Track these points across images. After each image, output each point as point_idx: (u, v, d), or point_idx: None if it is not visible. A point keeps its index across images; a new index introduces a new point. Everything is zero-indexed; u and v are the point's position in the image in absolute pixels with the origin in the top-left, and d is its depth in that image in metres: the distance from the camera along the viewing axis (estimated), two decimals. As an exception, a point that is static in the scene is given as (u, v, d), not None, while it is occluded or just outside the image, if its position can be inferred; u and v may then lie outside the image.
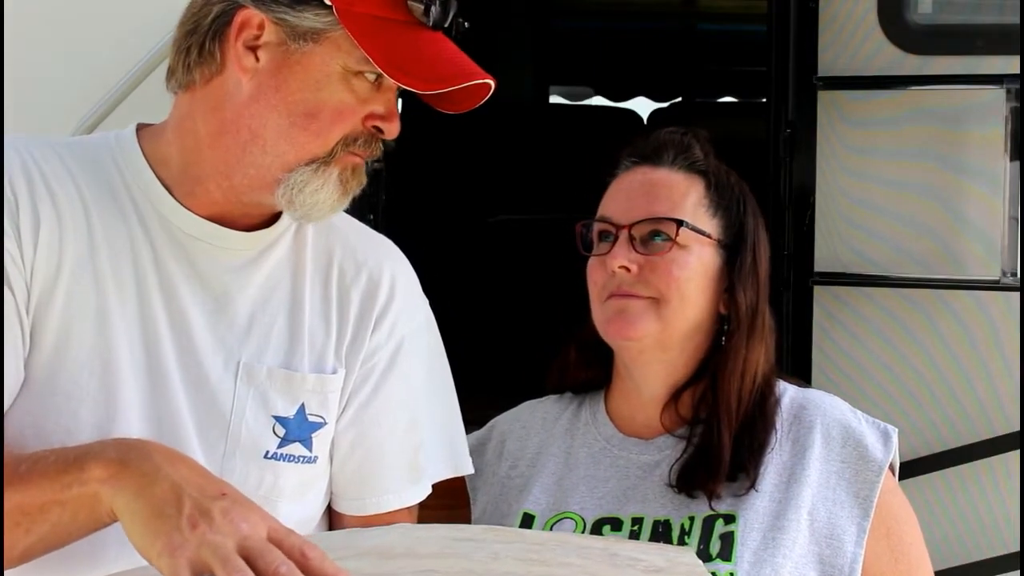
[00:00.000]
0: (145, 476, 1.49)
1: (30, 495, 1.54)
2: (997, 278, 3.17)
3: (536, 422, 2.10)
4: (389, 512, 1.85)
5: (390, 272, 1.87)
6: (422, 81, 1.67)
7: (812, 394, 2.04)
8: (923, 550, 1.98)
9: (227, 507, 1.45)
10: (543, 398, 2.14)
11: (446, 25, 1.72)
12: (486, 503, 2.05)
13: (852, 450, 1.95)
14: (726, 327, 2.00)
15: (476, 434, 2.11)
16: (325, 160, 1.71)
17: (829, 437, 1.96)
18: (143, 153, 1.78)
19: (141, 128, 1.82)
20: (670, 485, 1.94)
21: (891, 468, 1.97)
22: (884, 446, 1.96)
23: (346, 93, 1.70)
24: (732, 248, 2.01)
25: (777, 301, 3.17)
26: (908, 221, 3.28)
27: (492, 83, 1.70)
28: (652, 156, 2.03)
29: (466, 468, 1.94)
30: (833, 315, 3.30)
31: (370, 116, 1.71)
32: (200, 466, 1.55)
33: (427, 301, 1.93)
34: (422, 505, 1.90)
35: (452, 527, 1.62)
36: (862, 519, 1.92)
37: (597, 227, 2.02)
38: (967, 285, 3.24)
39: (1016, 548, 3.07)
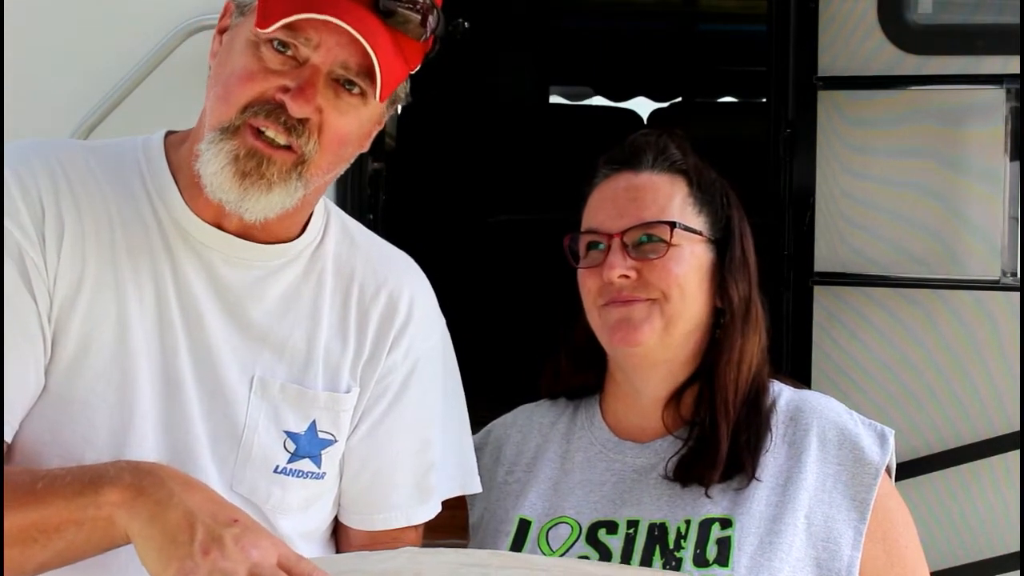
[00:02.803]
0: (159, 503, 1.51)
1: (47, 514, 1.56)
2: (997, 278, 3.17)
3: (533, 427, 2.09)
4: (396, 529, 1.86)
5: (409, 292, 1.87)
6: (263, 19, 1.64)
7: (808, 396, 2.04)
8: (919, 553, 1.97)
9: (238, 534, 1.48)
10: (539, 402, 2.14)
11: None
12: (483, 508, 2.04)
13: (848, 453, 1.95)
14: (721, 320, 2.00)
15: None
16: (229, 129, 1.68)
17: (825, 440, 1.96)
18: (167, 159, 1.78)
19: (169, 135, 1.82)
20: (667, 477, 1.94)
21: (887, 470, 1.97)
22: (881, 448, 1.95)
23: (252, 59, 1.68)
24: (721, 243, 2.02)
25: (777, 301, 3.17)
26: (908, 221, 3.27)
27: (354, 32, 1.63)
28: (631, 161, 2.03)
29: (474, 487, 1.95)
30: (833, 315, 3.29)
31: (282, 88, 1.67)
32: (214, 492, 1.57)
33: (444, 320, 1.93)
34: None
35: (459, 552, 1.62)
36: (859, 522, 1.91)
37: (585, 238, 2.01)
38: (967, 285, 3.23)
39: (1016, 548, 3.07)
